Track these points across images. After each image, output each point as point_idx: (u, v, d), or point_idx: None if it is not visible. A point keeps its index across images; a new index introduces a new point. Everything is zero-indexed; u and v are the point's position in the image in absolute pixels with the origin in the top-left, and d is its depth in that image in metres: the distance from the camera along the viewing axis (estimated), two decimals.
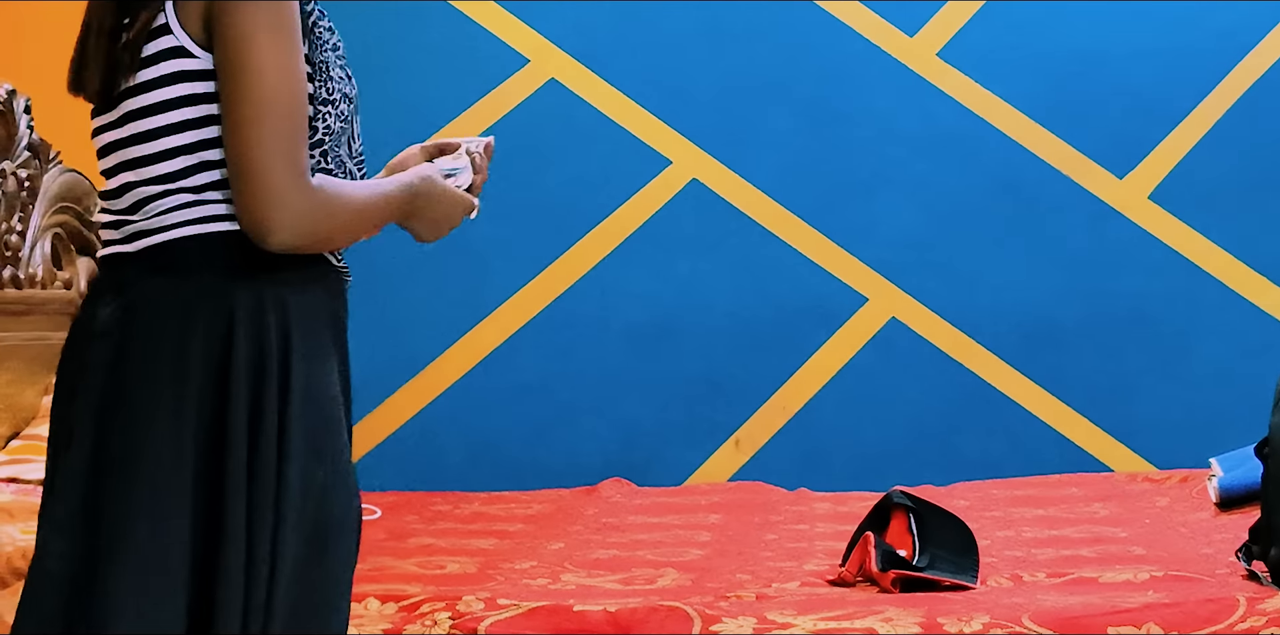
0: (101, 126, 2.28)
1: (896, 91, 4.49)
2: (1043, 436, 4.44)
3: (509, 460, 4.47)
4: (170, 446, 2.30)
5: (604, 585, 2.96)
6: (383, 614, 2.78)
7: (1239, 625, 2.64)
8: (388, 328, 4.50)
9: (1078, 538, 3.40)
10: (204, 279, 2.27)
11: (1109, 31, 4.46)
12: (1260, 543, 2.89)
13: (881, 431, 4.46)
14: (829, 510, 3.85)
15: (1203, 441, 4.12)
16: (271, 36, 2.20)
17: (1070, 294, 4.45)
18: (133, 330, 2.28)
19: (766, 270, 4.50)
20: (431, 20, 4.56)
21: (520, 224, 4.50)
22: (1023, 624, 2.65)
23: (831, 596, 2.85)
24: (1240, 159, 4.44)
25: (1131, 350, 4.44)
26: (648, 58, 4.53)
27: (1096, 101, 4.47)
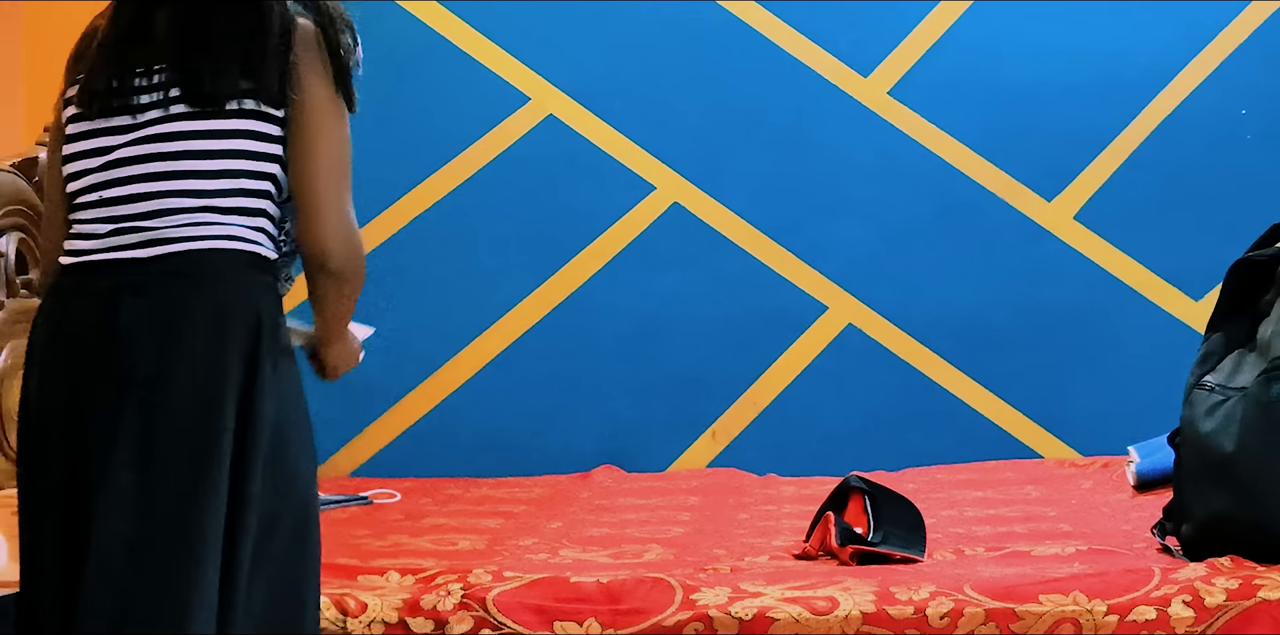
0: (142, 138, 2.33)
1: (852, 125, 4.55)
2: (981, 427, 4.52)
3: (513, 450, 4.51)
4: (214, 439, 2.47)
5: (597, 559, 3.00)
6: (402, 585, 2.79)
7: (1154, 593, 2.66)
8: (407, 334, 4.49)
9: (1012, 516, 3.45)
10: (231, 286, 2.35)
11: (1039, 71, 4.53)
12: (1172, 520, 2.96)
13: (840, 423, 4.52)
14: (794, 493, 3.92)
15: (1122, 431, 4.19)
16: (337, 107, 2.42)
17: (1005, 303, 4.52)
18: (172, 329, 2.31)
19: (739, 282, 4.56)
20: (444, 62, 4.59)
21: (522, 241, 4.57)
22: (964, 592, 2.67)
23: (797, 569, 2.88)
24: (1155, 184, 4.50)
25: (1059, 352, 4.51)
26: (635, 96, 4.58)
27: (1027, 133, 4.54)
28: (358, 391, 4.54)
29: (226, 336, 2.35)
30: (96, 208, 2.38)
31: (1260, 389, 2.81)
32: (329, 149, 2.46)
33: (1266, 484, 2.77)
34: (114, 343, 2.33)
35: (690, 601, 2.71)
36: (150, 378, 2.32)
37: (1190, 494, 2.90)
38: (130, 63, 2.36)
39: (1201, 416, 2.91)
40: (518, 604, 2.73)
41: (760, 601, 2.70)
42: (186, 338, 2.34)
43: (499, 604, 2.73)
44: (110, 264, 2.36)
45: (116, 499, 2.31)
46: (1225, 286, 3.05)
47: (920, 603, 2.68)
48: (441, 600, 2.74)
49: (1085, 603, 2.68)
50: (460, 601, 2.73)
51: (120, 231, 2.36)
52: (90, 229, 2.37)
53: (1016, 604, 2.67)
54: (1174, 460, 3.03)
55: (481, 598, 2.73)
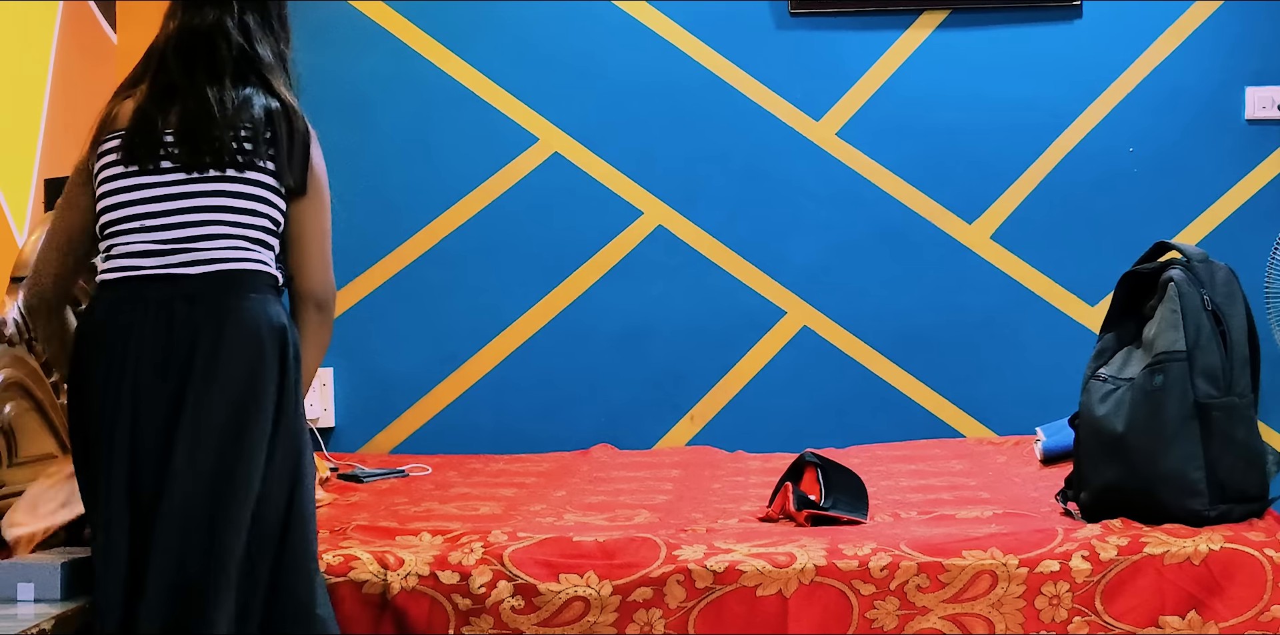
0: (207, 188, 2.46)
1: (806, 161, 4.53)
2: (913, 412, 4.51)
3: (525, 432, 4.50)
4: (257, 419, 2.44)
5: (594, 522, 3.01)
6: (432, 544, 2.80)
7: (1058, 549, 2.70)
8: (435, 335, 4.56)
9: (940, 485, 3.47)
10: (265, 296, 2.47)
11: (961, 116, 4.52)
12: (1072, 489, 2.98)
13: (797, 409, 4.51)
14: (759, 467, 3.92)
15: (1030, 415, 4.24)
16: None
17: (933, 307, 4.52)
18: (223, 329, 2.40)
19: (712, 291, 4.55)
20: (467, 108, 4.57)
21: (532, 259, 4.56)
22: (900, 549, 2.70)
23: (761, 529, 2.89)
24: (1057, 209, 4.50)
25: (978, 348, 4.51)
26: (627, 137, 4.56)
27: (951, 167, 4.53)
28: (396, 383, 4.58)
29: (264, 342, 2.46)
30: (140, 233, 2.45)
31: (1145, 379, 2.83)
32: (326, 219, 2.64)
33: (1150, 458, 2.79)
34: (173, 342, 2.40)
35: (673, 556, 2.73)
36: (206, 371, 2.40)
37: (1087, 467, 2.92)
38: (184, 129, 2.48)
39: (1097, 402, 2.92)
40: (529, 559, 2.74)
41: (730, 557, 2.73)
42: (234, 341, 2.43)
43: (513, 559, 2.74)
44: (163, 277, 2.43)
45: (180, 466, 2.37)
46: (1116, 294, 3.06)
47: (864, 558, 2.70)
48: (465, 556, 2.75)
49: (1001, 557, 2.70)
50: (481, 557, 2.74)
51: (169, 252, 2.44)
52: (135, 250, 2.45)
53: (944, 558, 2.70)
54: (1074, 439, 3.04)
55: (499, 554, 2.74)
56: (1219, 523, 2.76)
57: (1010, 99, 4.55)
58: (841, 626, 2.67)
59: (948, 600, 2.68)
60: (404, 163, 4.60)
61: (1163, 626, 2.67)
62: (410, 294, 4.58)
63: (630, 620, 2.69)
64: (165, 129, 2.47)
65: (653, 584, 2.70)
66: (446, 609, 2.70)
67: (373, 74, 4.61)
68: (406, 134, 4.60)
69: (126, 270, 2.45)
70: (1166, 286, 2.88)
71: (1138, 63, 4.53)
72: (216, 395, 2.39)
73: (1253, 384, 2.86)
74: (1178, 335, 2.82)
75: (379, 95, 4.61)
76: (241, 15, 2.60)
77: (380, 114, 4.61)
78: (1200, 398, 2.79)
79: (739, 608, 2.69)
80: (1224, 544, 2.70)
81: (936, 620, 2.68)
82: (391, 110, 4.62)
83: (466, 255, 4.59)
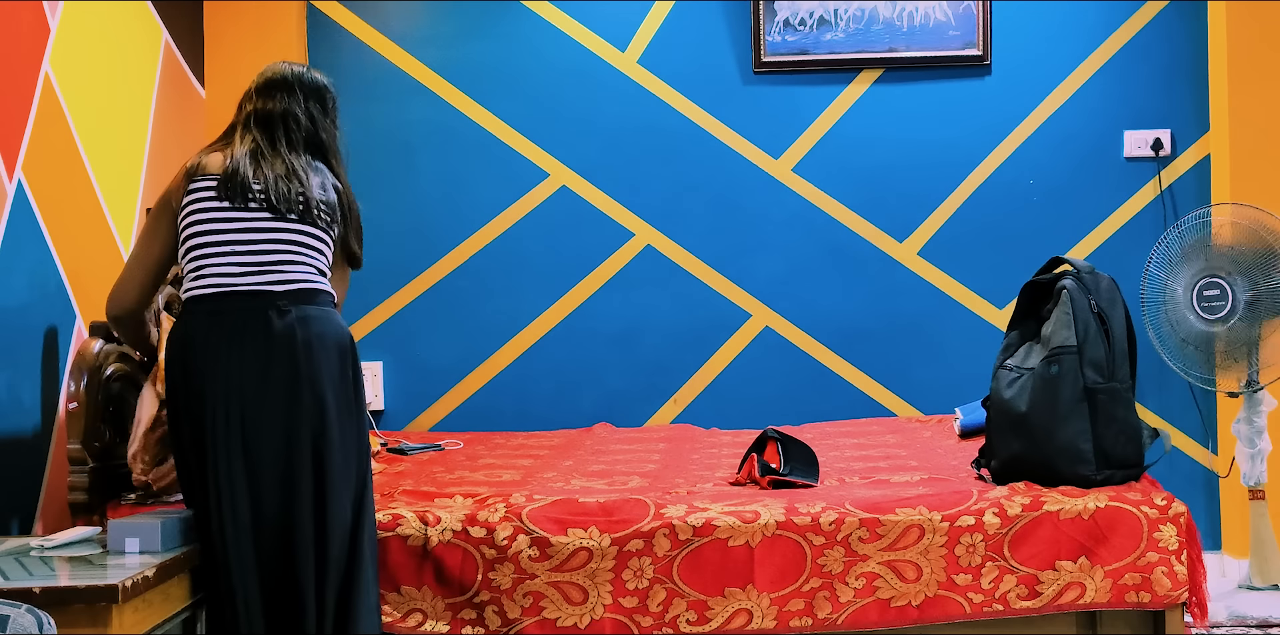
0: (288, 227, 2.53)
1: (767, 192, 4.54)
2: (855, 396, 4.50)
3: (539, 412, 4.49)
4: (351, 402, 2.54)
5: (596, 486, 3.02)
6: (463, 505, 2.80)
7: (973, 506, 2.72)
8: (465, 334, 4.55)
9: (877, 455, 3.47)
10: (331, 312, 2.52)
11: (894, 154, 4.51)
12: (985, 458, 3.00)
13: (760, 393, 4.50)
14: (730, 441, 3.92)
15: (951, 397, 4.29)
16: None
17: (871, 311, 4.51)
18: (312, 333, 2.46)
19: (691, 298, 4.54)
20: (487, 149, 4.57)
21: (544, 272, 4.54)
22: (845, 507, 2.73)
23: (731, 492, 2.90)
24: (972, 231, 4.50)
25: (908, 344, 4.51)
26: (621, 172, 4.55)
27: (886, 197, 4.52)
28: (434, 374, 4.59)
29: (338, 345, 2.52)
30: (230, 256, 2.49)
31: (1043, 369, 2.84)
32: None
33: (1047, 433, 2.80)
34: (271, 343, 2.44)
35: (660, 514, 2.74)
36: (306, 362, 2.45)
37: (996, 440, 2.93)
38: (274, 184, 2.55)
39: (1004, 387, 2.92)
40: (543, 516, 2.75)
41: (707, 514, 2.74)
42: (322, 339, 2.49)
43: (530, 517, 2.75)
44: (252, 292, 2.46)
45: (280, 443, 2.43)
46: (1019, 300, 3.08)
47: (815, 514, 2.71)
48: (491, 514, 2.76)
49: (927, 514, 2.72)
50: (503, 515, 2.76)
51: (257, 273, 2.47)
52: (226, 270, 2.48)
53: (880, 515, 2.71)
54: (986, 417, 3.04)
55: (518, 513, 2.76)
56: (1104, 485, 2.78)
57: (933, 141, 4.55)
58: (797, 571, 2.68)
59: (884, 549, 2.69)
60: (439, 193, 4.61)
61: (1058, 569, 2.67)
62: (444, 301, 4.59)
63: (625, 566, 2.70)
64: (255, 180, 2.53)
65: (643, 537, 2.71)
66: (476, 558, 2.71)
67: (414, 122, 4.62)
68: (441, 170, 4.61)
69: (219, 286, 2.47)
70: (1060, 293, 2.89)
71: (1036, 111, 4.54)
72: (321, 381, 2.46)
73: (1131, 372, 2.88)
74: (1070, 333, 2.83)
75: (419, 139, 4.62)
76: (306, 104, 2.68)
77: (420, 154, 4.61)
78: (1088, 384, 2.80)
79: (714, 556, 2.70)
80: (1108, 502, 2.71)
81: (875, 565, 2.69)
82: (429, 151, 4.62)
83: (490, 270, 4.59)
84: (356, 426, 2.54)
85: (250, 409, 2.42)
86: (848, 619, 2.65)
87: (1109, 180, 4.52)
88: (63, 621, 1.97)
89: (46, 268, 3.25)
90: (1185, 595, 2.66)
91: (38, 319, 3.18)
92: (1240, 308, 3.97)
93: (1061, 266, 3.02)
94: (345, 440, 2.49)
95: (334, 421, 2.46)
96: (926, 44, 4.49)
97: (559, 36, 4.60)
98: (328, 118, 2.71)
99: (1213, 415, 4.43)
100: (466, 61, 4.61)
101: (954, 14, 4.48)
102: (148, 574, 2.16)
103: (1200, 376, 4.08)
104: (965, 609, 2.66)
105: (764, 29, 4.50)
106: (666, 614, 2.68)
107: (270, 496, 2.41)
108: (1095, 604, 2.66)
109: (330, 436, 2.45)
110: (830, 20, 4.49)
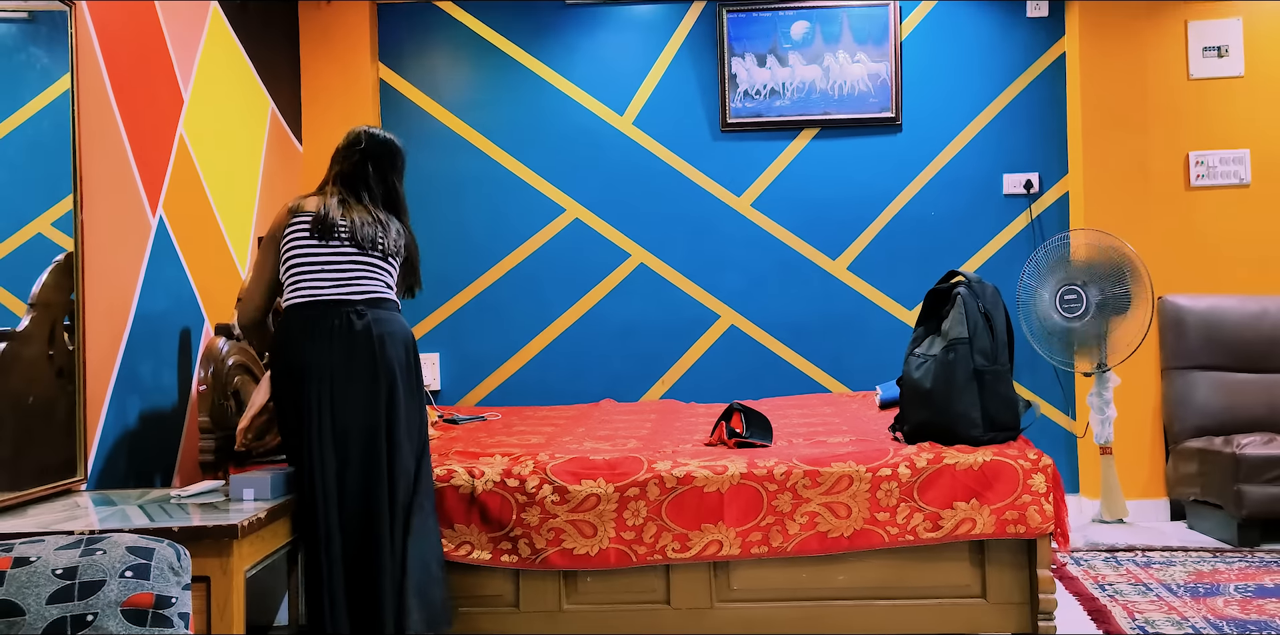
0: (364, 257, 2.50)
1: (732, 222, 4.53)
2: (799, 377, 4.49)
3: (559, 390, 4.49)
4: (413, 384, 2.53)
5: (602, 447, 3.00)
6: (501, 462, 2.79)
7: (890, 460, 2.70)
8: (503, 331, 4.54)
9: (816, 422, 3.46)
10: (399, 316, 2.51)
11: (831, 190, 4.50)
12: (899, 424, 2.97)
13: (727, 376, 4.49)
14: (705, 412, 3.88)
15: (873, 378, 4.30)
16: None
17: (812, 312, 4.50)
18: (384, 330, 2.45)
19: (674, 304, 4.53)
20: (518, 190, 4.56)
21: (562, 284, 4.52)
22: (792, 462, 2.71)
23: (706, 451, 2.88)
24: (889, 250, 4.49)
25: (840, 337, 4.49)
26: (620, 207, 4.54)
27: (822, 224, 4.51)
28: (479, 361, 4.58)
29: (403, 340, 2.51)
30: (320, 276, 2.49)
31: (943, 355, 2.83)
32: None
33: (946, 404, 2.79)
34: (353, 338, 2.44)
35: (652, 468, 2.74)
36: (380, 352, 2.44)
37: (908, 410, 2.92)
38: (359, 227, 2.54)
39: (913, 370, 2.91)
40: (563, 470, 2.74)
41: (688, 468, 2.73)
42: (393, 334, 2.47)
43: (553, 471, 2.73)
44: (338, 300, 2.46)
45: (360, 413, 2.43)
46: (924, 303, 3.06)
47: (770, 467, 2.70)
48: (523, 469, 2.75)
49: (855, 467, 2.70)
50: (532, 470, 2.74)
51: (340, 286, 2.48)
52: (318, 284, 2.48)
53: (820, 467, 2.70)
54: (899, 393, 3.02)
55: (543, 467, 2.75)
56: (990, 444, 2.77)
57: (858, 181, 4.54)
58: (756, 511, 2.67)
59: (823, 493, 2.68)
60: (482, 224, 4.60)
61: (955, 508, 2.67)
62: (486, 306, 4.58)
63: (625, 508, 2.69)
64: (342, 223, 2.52)
65: (639, 485, 2.70)
66: (511, 502, 2.70)
67: (462, 169, 4.61)
68: (483, 206, 4.61)
69: (312, 295, 2.48)
70: (956, 298, 2.89)
71: (936, 159, 4.53)
72: (392, 367, 2.45)
73: (1010, 358, 2.87)
74: (963, 328, 2.82)
75: (466, 182, 4.61)
76: (380, 161, 2.65)
77: (466, 194, 4.60)
78: (977, 366, 2.79)
79: (693, 500, 2.69)
80: (993, 457, 2.70)
81: (815, 506, 2.68)
82: (473, 191, 4.62)
83: (521, 282, 4.58)
84: (418, 402, 2.54)
85: (337, 388, 2.42)
86: (795, 547, 2.65)
87: (992, 212, 4.52)
88: (196, 552, 1.97)
89: (181, 282, 3.25)
90: (1052, 527, 2.65)
91: (175, 322, 3.19)
92: (1092, 309, 3.98)
93: (956, 278, 3.02)
94: (410, 412, 2.49)
95: (400, 397, 2.46)
96: (852, 108, 4.50)
97: (572, 104, 4.60)
98: (394, 171, 2.67)
99: (1071, 390, 4.44)
100: (502, 123, 4.61)
101: (874, 86, 4.48)
102: (260, 516, 2.16)
103: (1062, 361, 4.10)
104: (885, 539, 2.65)
105: (729, 98, 4.51)
106: (657, 544, 2.68)
107: (354, 454, 2.41)
108: (983, 534, 2.65)
109: (397, 408, 2.45)
110: (779, 91, 4.49)
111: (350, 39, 4.48)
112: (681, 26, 4.57)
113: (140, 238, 3.01)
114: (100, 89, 2.80)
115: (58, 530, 1.98)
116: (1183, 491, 4.09)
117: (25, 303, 2.36)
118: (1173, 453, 4.17)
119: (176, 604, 1.48)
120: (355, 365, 2.43)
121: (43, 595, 1.43)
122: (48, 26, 2.51)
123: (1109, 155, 4.33)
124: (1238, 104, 4.32)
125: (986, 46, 4.51)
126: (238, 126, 3.80)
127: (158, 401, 3.03)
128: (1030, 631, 2.66)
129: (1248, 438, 3.81)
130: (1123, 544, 3.80)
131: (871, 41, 4.48)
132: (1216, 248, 4.31)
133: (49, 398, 2.42)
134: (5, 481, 2.25)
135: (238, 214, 3.73)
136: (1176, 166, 4.31)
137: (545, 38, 4.59)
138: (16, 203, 2.36)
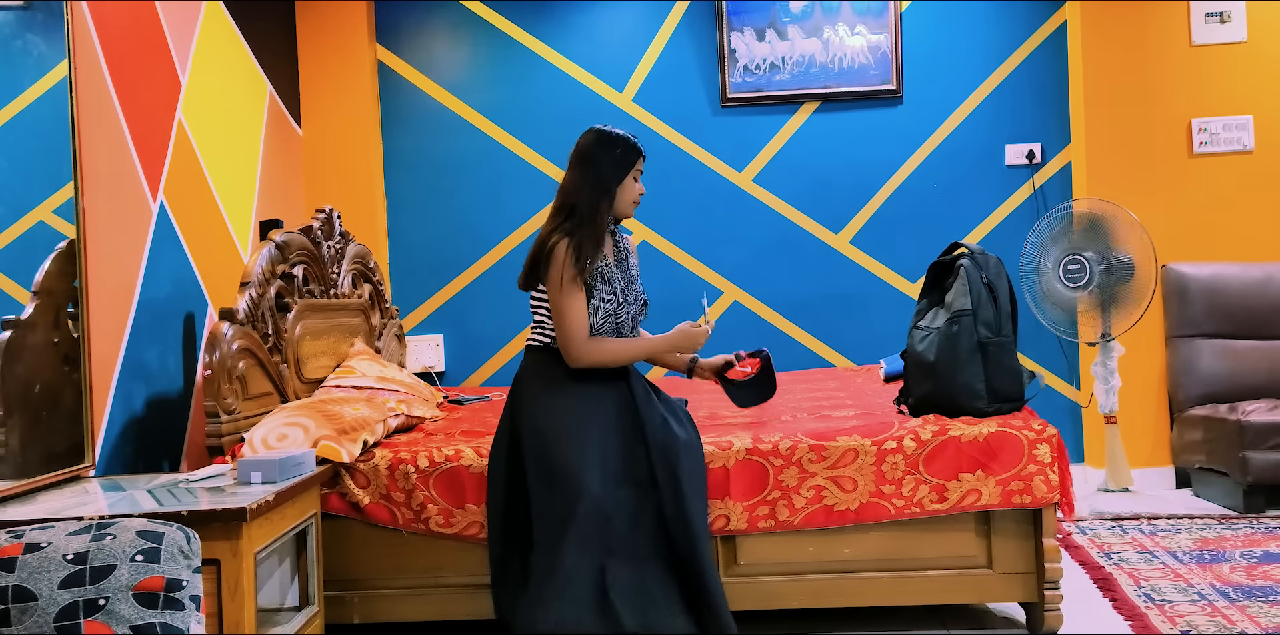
0: (533, 295, 2.56)
1: (734, 197, 4.53)
2: (803, 351, 4.51)
3: None
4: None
5: None
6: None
7: (895, 433, 2.68)
8: (503, 313, 4.51)
9: (822, 396, 3.46)
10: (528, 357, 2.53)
11: (831, 166, 4.49)
12: (903, 396, 2.96)
13: (732, 350, 4.31)
14: (710, 388, 3.80)
15: (877, 351, 4.30)
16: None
17: (815, 286, 4.50)
18: (543, 374, 2.51)
19: (678, 280, 4.53)
20: (517, 170, 4.50)
21: None
22: (798, 436, 2.69)
23: (713, 427, 2.83)
24: (891, 223, 4.48)
25: (844, 311, 4.50)
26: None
27: (825, 198, 4.51)
28: (481, 343, 4.60)
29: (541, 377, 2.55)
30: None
31: (947, 327, 2.82)
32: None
33: (950, 376, 2.78)
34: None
35: None
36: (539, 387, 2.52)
37: (912, 382, 2.91)
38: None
39: (917, 343, 2.90)
40: None
41: None
42: (534, 376, 2.56)
43: None
44: (528, 344, 2.64)
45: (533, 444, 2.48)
46: (927, 276, 3.05)
47: (775, 442, 2.69)
48: None
49: (860, 440, 2.69)
50: None
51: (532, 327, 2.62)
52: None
53: (825, 441, 2.69)
54: (903, 366, 3.02)
55: None
56: (994, 415, 2.76)
57: (859, 155, 4.53)
58: (762, 485, 2.67)
59: (828, 467, 2.67)
60: (482, 204, 4.60)
61: (961, 480, 2.66)
62: (488, 287, 4.59)
63: None
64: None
65: None
66: None
67: (462, 149, 4.60)
68: (483, 186, 4.61)
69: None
70: (959, 270, 2.87)
71: (938, 131, 4.51)
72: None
73: (1013, 329, 2.86)
74: (966, 300, 2.82)
75: (466, 162, 4.61)
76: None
77: (466, 173, 4.60)
78: (981, 338, 2.78)
79: None
80: (998, 428, 2.69)
81: (821, 480, 2.67)
82: (474, 171, 4.62)
83: (522, 262, 4.54)
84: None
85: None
86: (802, 520, 2.64)
87: (994, 183, 4.50)
88: (205, 536, 1.98)
89: (184, 268, 3.25)
90: (1057, 497, 2.65)
91: (178, 307, 3.19)
92: (1095, 278, 3.97)
93: (959, 249, 3.01)
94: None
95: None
96: (853, 81, 4.47)
97: (571, 82, 4.58)
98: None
99: (1076, 360, 4.44)
100: (501, 102, 4.59)
101: (874, 58, 4.46)
102: (268, 499, 2.16)
103: (1066, 331, 4.09)
104: (891, 511, 2.65)
105: (728, 73, 4.49)
106: None
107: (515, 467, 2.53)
108: (989, 505, 2.65)
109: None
110: (779, 65, 4.47)
111: (348, 20, 4.46)
112: (680, 2, 4.55)
113: (142, 223, 3.00)
114: (98, 75, 2.79)
115: (67, 516, 1.99)
116: (1188, 459, 4.09)
117: (29, 291, 2.36)
118: (1177, 421, 4.18)
119: (187, 587, 1.49)
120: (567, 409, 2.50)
121: (54, 580, 1.44)
122: (44, 13, 2.49)
123: (1111, 124, 4.30)
124: (1240, 70, 4.29)
125: (987, 16, 4.48)
126: (236, 110, 3.78)
127: (163, 387, 3.04)
128: (1037, 600, 2.67)
129: (1252, 405, 3.81)
130: (1128, 512, 3.82)
131: (871, 14, 4.45)
132: (1220, 215, 4.30)
133: (55, 385, 2.43)
134: (14, 469, 2.26)
135: (238, 198, 3.72)
136: (1179, 134, 4.29)
137: (543, 16, 4.56)
138: (17, 191, 2.36)
